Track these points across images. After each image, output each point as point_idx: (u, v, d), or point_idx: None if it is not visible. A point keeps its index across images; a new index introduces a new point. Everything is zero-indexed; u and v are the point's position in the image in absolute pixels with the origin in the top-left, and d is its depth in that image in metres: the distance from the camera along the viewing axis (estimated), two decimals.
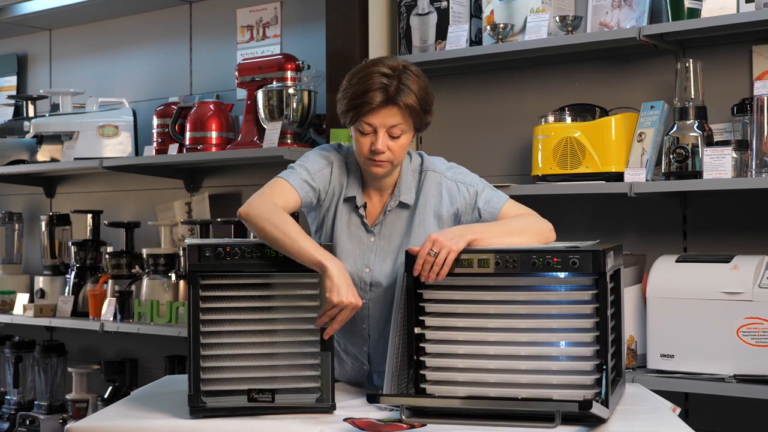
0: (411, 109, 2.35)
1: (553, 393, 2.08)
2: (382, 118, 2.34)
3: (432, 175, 2.49)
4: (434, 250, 2.15)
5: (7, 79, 5.37)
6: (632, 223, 3.31)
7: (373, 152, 2.37)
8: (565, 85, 3.46)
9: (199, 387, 2.17)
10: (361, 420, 2.06)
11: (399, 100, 2.33)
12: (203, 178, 4.47)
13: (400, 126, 2.36)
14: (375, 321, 2.49)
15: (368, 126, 2.36)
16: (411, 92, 2.35)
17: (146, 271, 4.17)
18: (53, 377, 4.61)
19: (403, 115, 2.35)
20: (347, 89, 2.39)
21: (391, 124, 2.35)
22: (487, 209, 2.47)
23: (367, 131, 2.36)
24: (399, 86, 2.34)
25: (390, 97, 2.33)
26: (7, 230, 4.95)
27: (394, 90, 2.33)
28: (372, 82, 2.33)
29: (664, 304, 2.84)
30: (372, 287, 2.47)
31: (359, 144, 2.39)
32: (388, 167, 2.41)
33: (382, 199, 2.50)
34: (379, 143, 2.35)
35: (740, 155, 2.86)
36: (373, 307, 2.48)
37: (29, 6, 4.81)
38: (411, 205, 2.48)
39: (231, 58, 4.37)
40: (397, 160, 2.40)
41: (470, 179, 2.52)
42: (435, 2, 3.51)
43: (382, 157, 2.37)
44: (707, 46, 3.16)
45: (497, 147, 3.59)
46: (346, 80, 2.42)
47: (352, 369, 2.58)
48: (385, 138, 2.36)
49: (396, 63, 2.39)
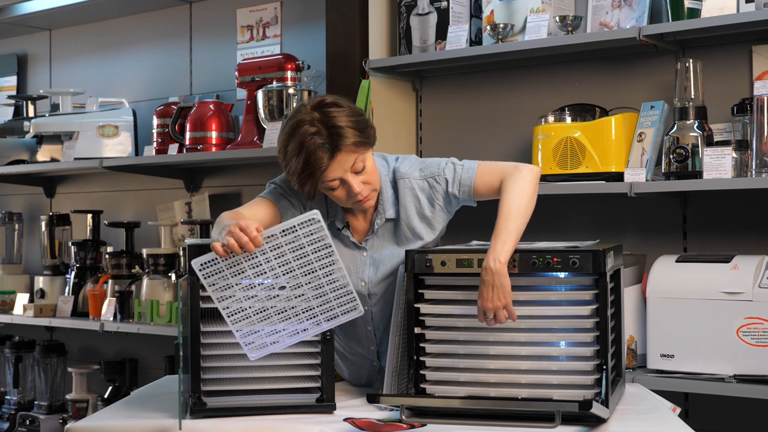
0: (356, 143, 2.30)
1: (553, 393, 2.08)
2: (339, 168, 2.30)
3: (403, 182, 2.46)
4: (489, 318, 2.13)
5: (7, 79, 5.37)
6: (632, 223, 3.31)
7: (353, 196, 2.35)
8: (565, 85, 3.46)
9: (199, 387, 2.17)
10: (361, 420, 2.06)
11: (341, 145, 2.28)
12: (203, 178, 4.47)
13: (358, 159, 2.32)
14: (378, 321, 2.50)
15: (333, 181, 2.32)
16: (345, 129, 2.28)
17: (146, 271, 4.17)
18: (53, 377, 4.61)
19: (353, 151, 2.30)
20: (289, 164, 2.32)
21: (350, 165, 2.30)
22: (462, 189, 2.42)
23: (335, 186, 2.33)
24: (331, 134, 2.27)
25: (333, 149, 2.27)
26: (7, 230, 4.95)
27: (331, 142, 2.26)
28: (309, 147, 2.27)
29: (664, 304, 2.84)
30: (371, 296, 2.48)
31: (338, 198, 2.37)
32: (374, 196, 2.40)
33: (367, 219, 2.49)
34: (355, 187, 2.32)
35: (740, 155, 2.86)
36: (376, 311, 2.49)
37: (29, 6, 4.81)
38: (395, 218, 2.47)
39: (231, 58, 4.37)
40: (376, 184, 2.39)
41: (437, 170, 2.45)
42: (435, 2, 3.51)
43: (364, 192, 2.35)
44: (707, 46, 3.16)
45: (497, 147, 3.59)
46: (281, 154, 2.36)
47: (360, 367, 2.59)
48: (355, 178, 2.33)
49: (310, 107, 2.31)
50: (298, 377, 2.23)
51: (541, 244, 2.31)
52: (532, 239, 2.37)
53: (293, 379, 2.23)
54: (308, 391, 2.23)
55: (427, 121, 3.77)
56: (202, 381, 2.18)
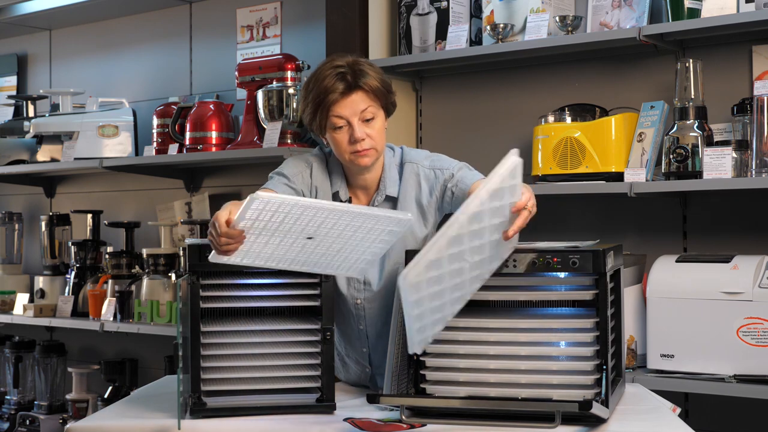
0: (375, 90, 2.37)
1: (553, 393, 2.08)
2: (350, 106, 2.35)
3: (410, 166, 2.48)
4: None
5: (7, 79, 5.37)
6: (632, 223, 3.31)
7: (353, 143, 2.36)
8: (565, 85, 3.46)
9: (198, 387, 2.17)
10: (361, 420, 2.06)
11: (360, 83, 2.35)
12: (203, 178, 4.47)
13: (370, 109, 2.36)
14: (371, 320, 2.49)
15: (339, 119, 2.35)
16: (369, 74, 2.37)
17: (146, 271, 4.17)
18: (53, 377, 4.61)
19: (370, 97, 2.36)
20: (307, 96, 2.40)
21: (361, 109, 2.35)
22: (459, 188, 2.41)
23: (340, 125, 2.36)
24: (355, 72, 2.35)
25: (350, 83, 2.34)
26: (7, 230, 4.95)
27: (352, 76, 2.35)
28: (328, 76, 2.35)
29: (664, 304, 2.85)
30: (365, 285, 2.47)
31: (337, 142, 2.38)
32: (373, 155, 2.39)
33: (368, 196, 2.50)
34: (357, 131, 2.35)
35: (740, 155, 2.86)
36: (369, 307, 2.49)
37: (29, 6, 4.81)
38: (396, 198, 2.47)
39: (231, 58, 4.37)
40: (379, 146, 2.40)
41: (447, 164, 2.47)
42: (435, 2, 3.51)
43: (364, 144, 2.36)
44: (707, 46, 3.16)
45: (497, 147, 3.58)
46: (303, 90, 2.43)
47: (354, 372, 2.59)
48: (361, 126, 2.36)
49: (345, 57, 2.41)
50: (298, 377, 2.23)
51: (541, 244, 2.30)
52: (532, 239, 2.36)
53: (293, 379, 2.23)
54: (308, 391, 2.23)
55: (427, 121, 3.77)
56: (202, 381, 2.17)
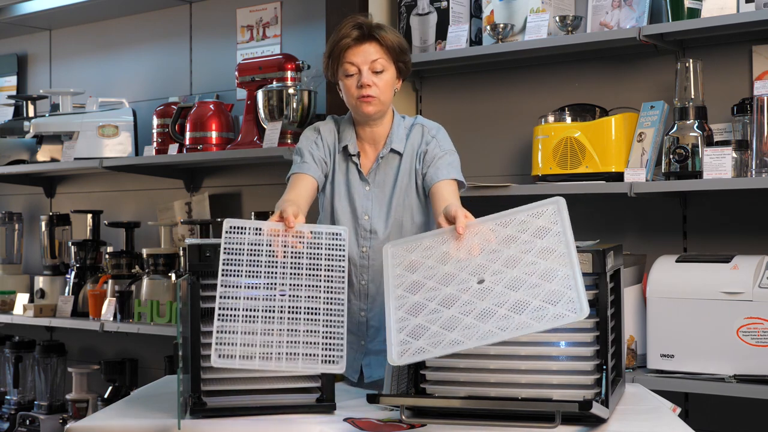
0: (388, 45, 2.52)
1: (553, 393, 2.08)
2: (362, 54, 2.51)
3: (418, 127, 2.63)
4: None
5: (7, 79, 5.38)
6: (632, 223, 3.31)
7: (360, 89, 2.50)
8: (565, 85, 3.46)
9: (198, 387, 2.17)
10: (361, 420, 2.06)
11: (375, 34, 2.51)
12: (203, 178, 4.48)
13: (381, 61, 2.51)
14: (375, 274, 2.56)
15: (351, 66, 2.51)
16: (385, 29, 2.54)
17: (146, 271, 4.17)
18: (53, 377, 4.61)
19: (382, 49, 2.52)
20: (327, 48, 2.57)
21: (372, 59, 2.51)
22: (429, 174, 2.54)
23: (351, 71, 2.52)
24: (372, 25, 2.53)
25: (365, 33, 2.51)
26: (7, 230, 4.95)
27: (368, 27, 2.52)
28: (346, 26, 2.53)
29: (664, 304, 2.85)
30: (371, 234, 2.57)
31: (347, 88, 2.54)
32: (377, 104, 2.53)
33: (376, 151, 2.62)
34: (365, 77, 2.50)
35: (740, 155, 2.86)
36: (374, 257, 2.57)
37: (29, 6, 4.81)
38: (401, 154, 2.60)
39: (231, 58, 4.38)
40: (383, 96, 2.53)
41: (446, 146, 2.61)
42: (435, 2, 3.51)
43: (370, 91, 2.51)
44: (707, 46, 3.16)
45: (497, 147, 3.59)
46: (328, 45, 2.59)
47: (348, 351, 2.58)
48: (369, 74, 2.51)
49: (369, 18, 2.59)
50: (298, 377, 2.23)
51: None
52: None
53: (293, 379, 2.22)
54: (308, 391, 2.23)
55: None
56: (202, 381, 2.17)
